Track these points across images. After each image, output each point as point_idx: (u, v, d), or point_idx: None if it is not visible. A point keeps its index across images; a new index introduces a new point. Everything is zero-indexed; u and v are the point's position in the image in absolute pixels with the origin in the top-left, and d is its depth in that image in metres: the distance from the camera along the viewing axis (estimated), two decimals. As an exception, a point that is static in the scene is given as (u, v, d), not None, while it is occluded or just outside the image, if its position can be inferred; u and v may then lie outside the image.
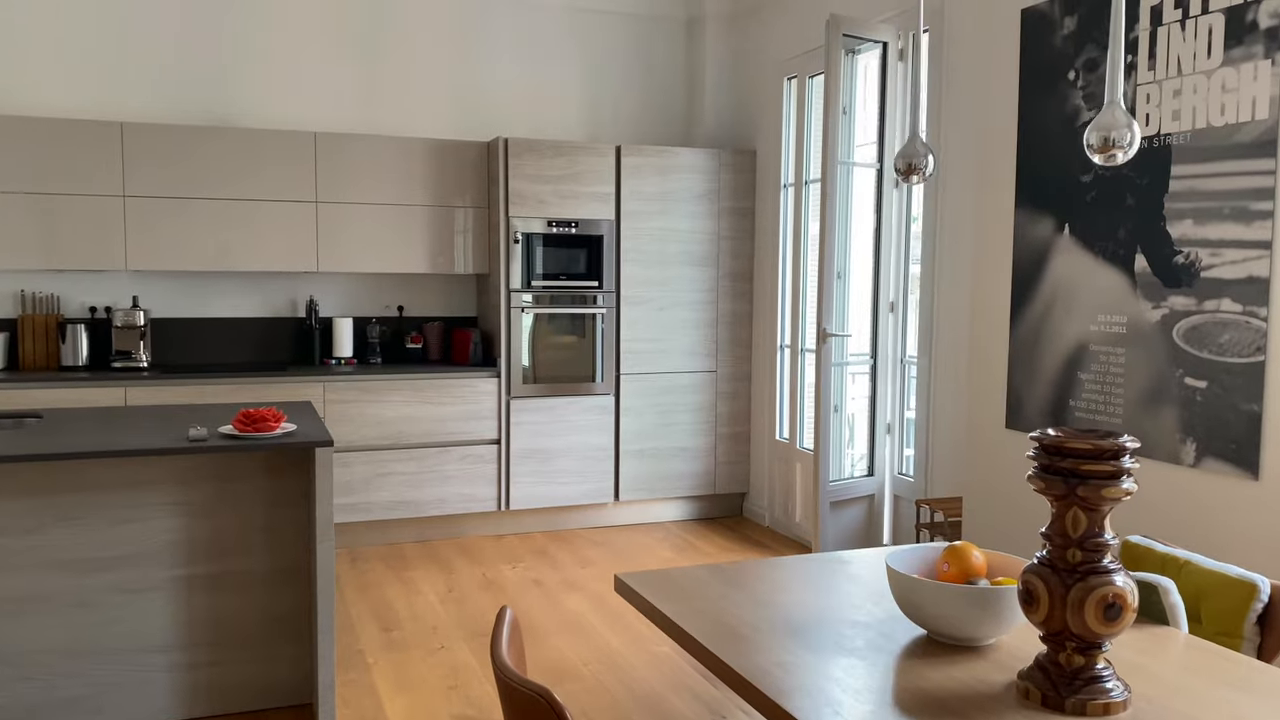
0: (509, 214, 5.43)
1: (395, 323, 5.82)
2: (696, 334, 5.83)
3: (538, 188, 5.47)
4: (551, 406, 5.57)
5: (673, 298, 5.76)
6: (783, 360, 5.68)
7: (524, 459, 5.53)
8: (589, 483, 5.67)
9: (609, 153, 5.59)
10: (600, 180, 5.58)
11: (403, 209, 5.47)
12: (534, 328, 5.51)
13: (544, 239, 5.49)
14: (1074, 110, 3.41)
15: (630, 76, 6.20)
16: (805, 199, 5.39)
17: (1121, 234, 3.23)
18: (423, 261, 5.52)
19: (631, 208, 5.65)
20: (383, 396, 5.26)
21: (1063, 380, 3.46)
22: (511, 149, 5.41)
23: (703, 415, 5.88)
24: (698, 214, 5.78)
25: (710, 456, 5.92)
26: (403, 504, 5.33)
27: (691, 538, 5.58)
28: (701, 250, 5.81)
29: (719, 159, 5.81)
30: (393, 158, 5.43)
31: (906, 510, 4.71)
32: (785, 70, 5.56)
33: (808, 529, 5.40)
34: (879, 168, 4.67)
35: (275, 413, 3.19)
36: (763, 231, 5.82)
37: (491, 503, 5.50)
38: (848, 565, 2.37)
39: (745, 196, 5.88)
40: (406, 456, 5.32)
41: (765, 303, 5.80)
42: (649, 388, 5.76)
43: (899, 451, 4.76)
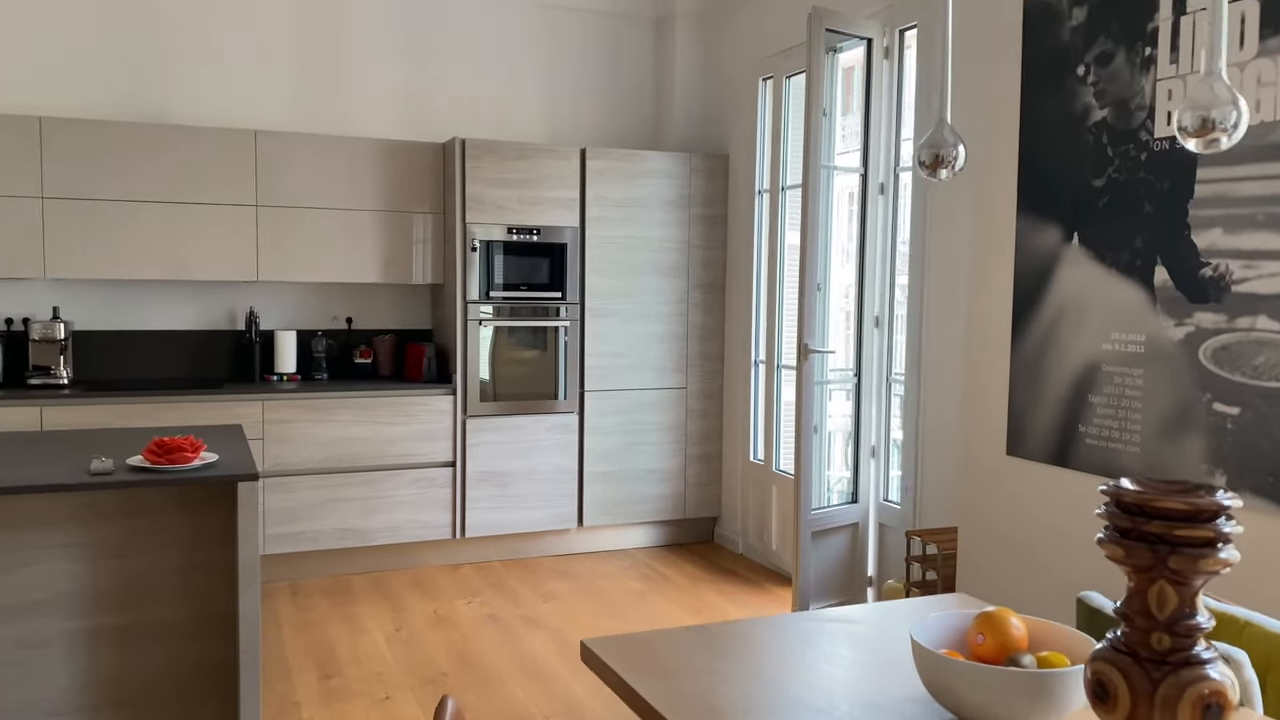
0: (466, 220, 5.06)
1: (343, 336, 5.43)
2: (665, 348, 5.50)
3: (497, 192, 5.11)
4: (511, 426, 5.20)
5: (640, 310, 5.42)
6: (757, 377, 5.36)
7: (481, 482, 5.15)
8: (551, 508, 5.31)
9: (573, 156, 5.25)
10: (564, 185, 5.23)
11: (351, 214, 5.09)
12: (493, 341, 5.15)
13: (504, 247, 5.13)
14: (1084, 109, 3.12)
15: (595, 76, 5.86)
16: (782, 206, 5.08)
17: (1139, 243, 2.94)
18: (373, 270, 5.14)
19: (597, 214, 5.31)
20: (329, 415, 4.86)
21: (1071, 404, 3.16)
22: (469, 151, 5.05)
23: (672, 435, 5.54)
24: (667, 221, 5.45)
25: (680, 479, 5.58)
26: (350, 532, 4.93)
27: (660, 566, 5.23)
28: (671, 260, 5.47)
29: (689, 164, 5.48)
30: (340, 159, 5.05)
31: (893, 540, 4.40)
32: (760, 70, 5.25)
33: (785, 558, 5.08)
34: (863, 172, 4.37)
35: (193, 441, 2.81)
36: (736, 240, 5.50)
37: (446, 530, 5.11)
38: (853, 626, 2.03)
39: (717, 203, 5.56)
40: (354, 480, 4.92)
41: (738, 316, 5.47)
42: (615, 405, 5.41)
43: (884, 477, 4.45)
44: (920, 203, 4.14)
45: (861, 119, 4.38)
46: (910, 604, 2.22)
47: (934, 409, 4.14)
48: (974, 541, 3.55)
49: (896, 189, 4.35)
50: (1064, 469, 3.19)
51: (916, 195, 4.15)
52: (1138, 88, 2.94)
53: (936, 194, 4.08)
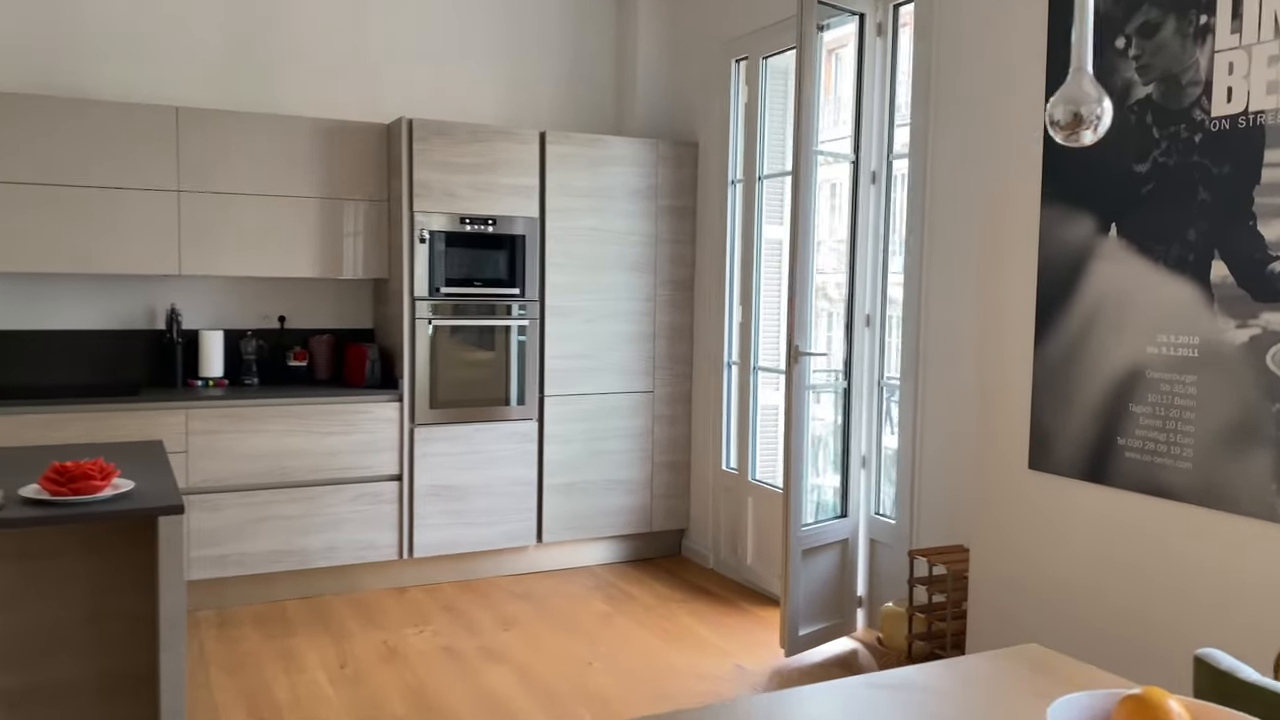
0: (413, 208, 4.60)
1: (275, 336, 4.93)
2: (631, 349, 5.10)
3: (448, 178, 4.66)
4: (463, 435, 4.76)
5: (605, 308, 5.02)
6: (730, 380, 4.99)
7: (431, 497, 4.70)
8: (507, 523, 4.88)
9: (532, 140, 4.82)
10: (522, 171, 4.80)
11: (284, 201, 4.59)
12: (443, 342, 4.70)
13: (455, 238, 4.69)
14: (1123, 85, 2.80)
15: (553, 55, 5.44)
16: (759, 197, 4.72)
17: (1192, 235, 2.63)
18: (309, 264, 4.65)
19: (558, 204, 4.89)
20: (260, 425, 4.37)
21: (1108, 414, 2.84)
22: (417, 132, 4.59)
23: (638, 442, 5.15)
24: (633, 213, 5.05)
25: (646, 490, 5.19)
26: (285, 554, 4.44)
27: (626, 585, 4.83)
28: (637, 254, 5.08)
29: (656, 151, 5.09)
30: (273, 140, 4.55)
31: (886, 558, 4.06)
32: (733, 51, 4.88)
33: (761, 573, 4.72)
34: (854, 160, 4.02)
35: (103, 466, 2.33)
36: (706, 234, 5.13)
37: (392, 550, 4.65)
38: (926, 695, 1.66)
39: (686, 194, 5.18)
40: (289, 497, 4.44)
41: (709, 314, 5.10)
42: (577, 411, 5.00)
43: (876, 489, 4.11)
44: (919, 192, 3.81)
45: (853, 102, 4.04)
46: (977, 664, 1.86)
47: (934, 416, 3.81)
48: (990, 563, 3.22)
49: (889, 178, 4.02)
50: (1099, 485, 2.88)
51: (914, 184, 3.82)
52: (1190, 61, 2.63)
53: (938, 183, 3.75)
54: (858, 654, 4.02)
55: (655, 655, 3.94)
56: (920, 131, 3.79)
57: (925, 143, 3.78)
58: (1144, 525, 2.76)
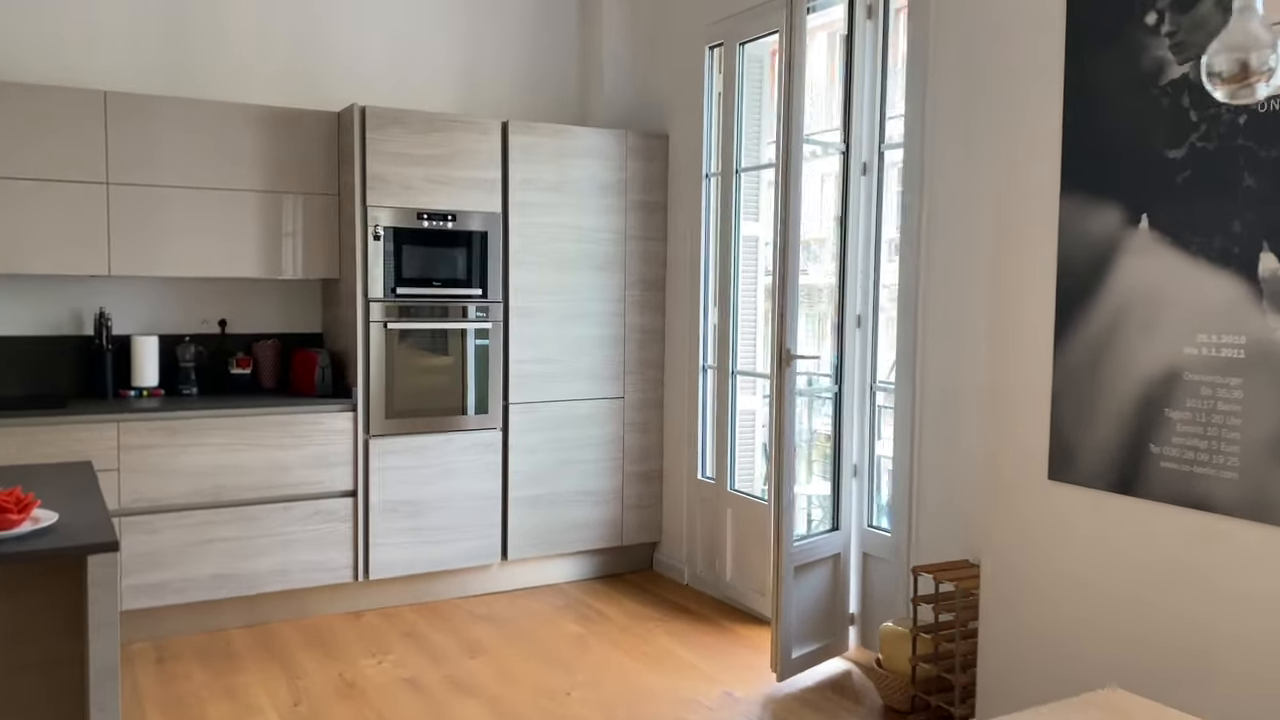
0: (367, 203, 4.27)
1: (216, 342, 4.55)
2: (601, 353, 4.81)
3: (405, 171, 4.33)
4: (423, 446, 4.43)
5: (572, 308, 4.73)
6: (706, 384, 4.73)
7: (388, 514, 4.37)
8: (470, 540, 4.56)
9: (494, 130, 4.51)
10: (483, 163, 4.49)
11: (225, 195, 4.23)
12: (399, 347, 4.37)
13: (412, 235, 4.36)
14: (1155, 64, 2.59)
15: (514, 40, 5.13)
16: (736, 191, 4.46)
17: (1237, 226, 2.42)
18: (251, 263, 4.29)
19: (522, 198, 4.58)
20: (200, 439, 4.00)
21: (1140, 420, 2.63)
22: (371, 121, 4.25)
23: (608, 451, 4.86)
24: (602, 208, 4.77)
25: (616, 501, 4.90)
26: (229, 579, 4.08)
27: (598, 604, 4.55)
28: (606, 252, 4.79)
29: (625, 142, 4.81)
30: (212, 128, 4.19)
31: (881, 573, 3.82)
32: (707, 37, 4.62)
33: (743, 589, 4.46)
34: (844, 150, 3.79)
35: (19, 497, 1.99)
36: (678, 230, 4.86)
37: (346, 571, 4.31)
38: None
39: (656, 188, 4.91)
40: (234, 517, 4.07)
41: (682, 315, 4.83)
42: (544, 419, 4.70)
43: (869, 500, 3.88)
44: (914, 184, 3.58)
45: (842, 90, 3.80)
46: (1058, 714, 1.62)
47: (933, 423, 3.59)
48: (1004, 580, 3.00)
49: (881, 170, 3.79)
50: (1130, 497, 2.66)
51: (910, 176, 3.59)
52: (1234, 37, 2.42)
53: (936, 174, 3.53)
54: (852, 676, 3.78)
55: (637, 682, 3.66)
56: (916, 118, 3.57)
57: (921, 131, 3.56)
58: (1182, 540, 2.55)
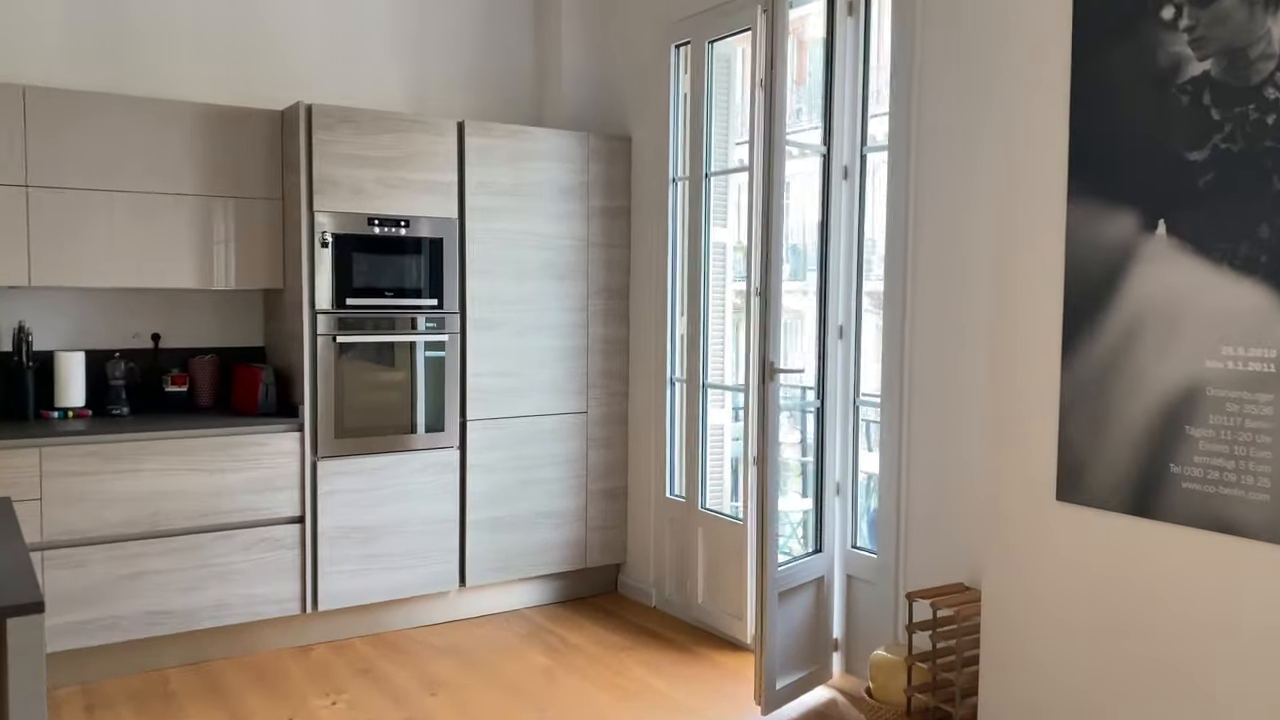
0: (314, 208, 3.99)
1: (148, 357, 4.22)
2: (563, 366, 4.58)
3: (354, 173, 4.06)
4: (375, 467, 4.15)
5: (533, 319, 4.49)
6: (674, 398, 4.52)
7: (338, 540, 4.08)
8: (427, 566, 4.29)
9: (449, 130, 4.25)
10: (438, 166, 4.23)
11: (159, 199, 3.91)
12: (349, 362, 4.09)
13: (362, 242, 4.09)
14: (1172, 62, 2.45)
15: (465, 34, 4.88)
16: (706, 196, 4.26)
17: (1264, 232, 2.28)
18: (187, 272, 3.98)
19: (479, 203, 4.33)
20: (133, 463, 3.68)
21: (1158, 438, 2.48)
22: (318, 120, 3.97)
23: (571, 469, 4.63)
24: (562, 214, 4.54)
25: (580, 522, 4.67)
26: (165, 615, 3.76)
27: (564, 631, 4.31)
28: (568, 260, 4.56)
29: (587, 145, 4.59)
30: (144, 127, 3.87)
31: (867, 596, 3.64)
32: (671, 36, 4.42)
33: (716, 613, 4.25)
34: (825, 152, 3.61)
35: (-76, 549, 1.70)
36: (643, 237, 4.65)
37: (294, 603, 4.01)
38: None
39: (619, 193, 4.69)
40: (169, 548, 3.76)
41: (647, 326, 4.62)
42: (503, 437, 4.45)
43: (852, 519, 3.70)
44: (900, 188, 3.41)
45: (822, 90, 3.62)
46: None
47: (922, 439, 3.42)
48: (1008, 606, 2.83)
49: (863, 174, 3.62)
50: (1147, 520, 2.51)
51: (895, 179, 3.42)
52: (1260, 32, 2.28)
53: (924, 178, 3.36)
54: (838, 704, 3.59)
55: (611, 717, 3.43)
56: (902, 119, 3.40)
57: (908, 132, 3.39)
58: (1205, 565, 2.40)
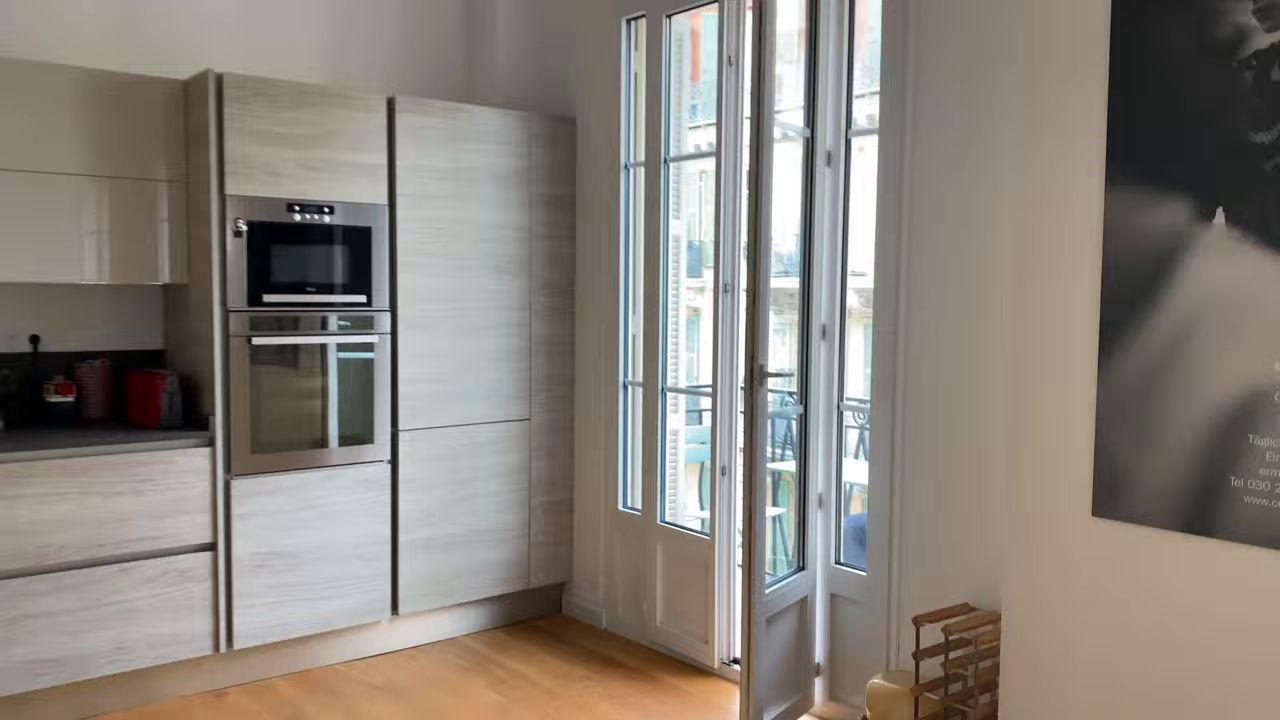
0: (225, 191, 3.50)
1: (26, 363, 3.65)
2: (504, 369, 4.18)
3: (272, 153, 3.58)
4: (297, 486, 3.68)
5: (472, 318, 4.07)
6: (629, 403, 4.17)
7: (255, 570, 3.60)
8: (356, 594, 3.84)
9: (378, 107, 3.81)
10: (366, 146, 3.78)
11: (41, 179, 3.36)
12: (267, 367, 3.61)
13: (281, 231, 3.61)
14: (1233, 34, 2.22)
15: (393, 1, 4.42)
16: (665, 184, 3.92)
17: (1346, 222, 2.07)
18: (72, 265, 3.44)
19: (412, 188, 3.90)
20: (11, 488, 3.14)
21: (1216, 448, 2.26)
22: (229, 92, 3.48)
23: (513, 482, 4.23)
24: (503, 202, 4.13)
25: (522, 539, 4.28)
26: (51, 664, 3.22)
27: (511, 661, 3.91)
28: (509, 252, 4.16)
29: (529, 126, 4.20)
30: (20, 96, 3.32)
31: (854, 617, 3.36)
32: (622, 8, 4.06)
33: (678, 635, 3.92)
34: (809, 135, 3.31)
35: None
36: (590, 228, 4.28)
37: (205, 642, 3.52)
38: None
39: (564, 180, 4.31)
40: (56, 585, 3.23)
41: (596, 324, 4.26)
42: (439, 448, 4.02)
43: (835, 534, 3.42)
44: (893, 174, 3.13)
45: (805, 68, 3.33)
46: None
47: (918, 447, 3.16)
48: (1033, 632, 2.59)
49: (848, 160, 3.34)
50: (1203, 538, 2.29)
51: (887, 165, 3.14)
52: (1341, 1, 2.07)
53: (922, 162, 3.09)
54: (824, 737, 3.31)
55: (584, 766, 3.07)
56: (896, 98, 3.12)
57: (903, 112, 3.11)
58: (1273, 588, 2.19)
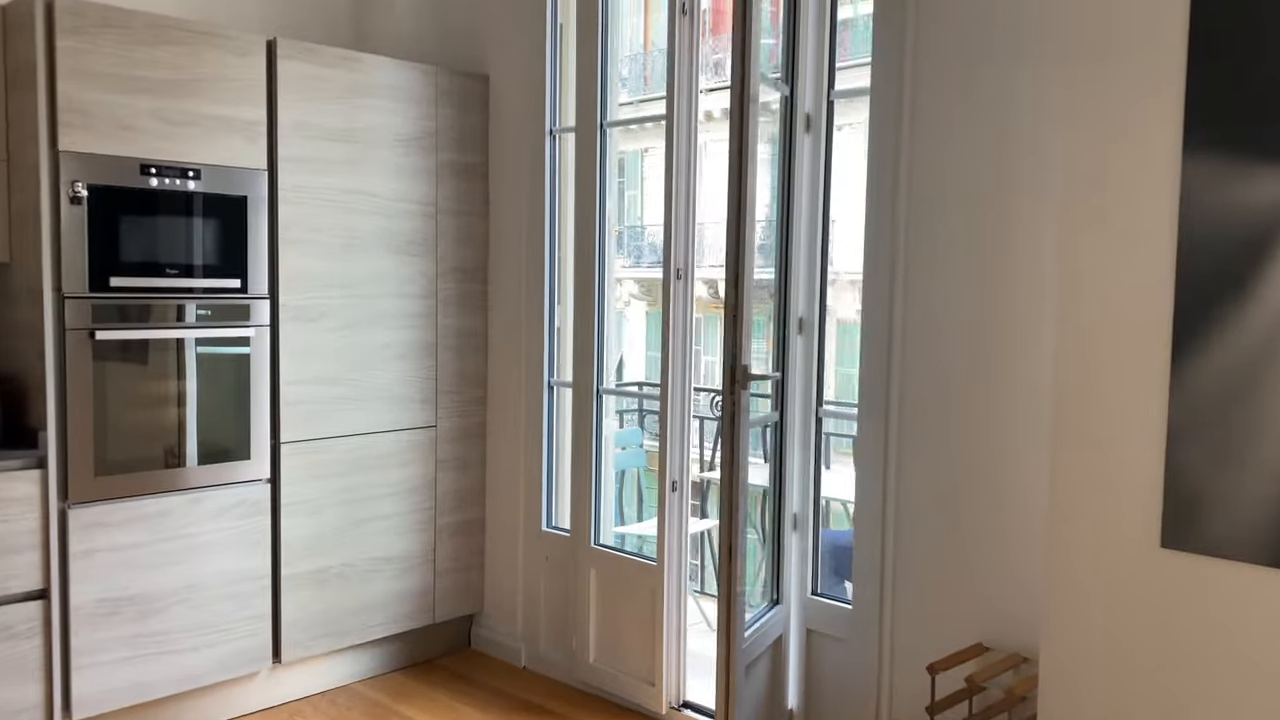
0: (58, 147, 2.76)
1: None
2: (406, 368, 3.56)
3: (120, 101, 2.86)
4: (154, 514, 2.98)
5: (368, 307, 3.44)
6: (554, 406, 3.61)
7: (102, 619, 2.89)
8: (229, 641, 3.16)
9: (256, 50, 3.12)
10: (241, 98, 3.10)
11: None
12: (114, 368, 2.90)
13: (132, 199, 2.90)
14: (1355, -26, 1.85)
15: (261, -62, 3.71)
16: (602, 153, 3.37)
17: None
18: None
19: (297, 150, 3.23)
20: None
21: (1325, 469, 1.90)
22: (63, 21, 2.75)
23: (416, 500, 3.62)
24: (405, 170, 3.50)
25: (427, 566, 3.67)
26: None
27: (414, 710, 3.32)
28: (413, 229, 3.54)
29: (435, 82, 3.58)
30: None
31: (834, 657, 2.91)
32: (545, -53, 3.50)
33: (613, 674, 3.39)
34: (787, 95, 2.83)
35: None
36: (506, 203, 3.69)
37: (34, 713, 2.79)
38: None
39: (474, 146, 3.71)
40: None
41: (514, 315, 3.68)
42: (329, 462, 3.37)
43: (813, 561, 2.96)
44: (889, 139, 2.67)
45: (784, 24, 2.84)
46: None
47: (916, 458, 2.72)
48: (1081, 683, 2.19)
49: (830, 126, 2.87)
50: (1306, 576, 1.93)
51: (881, 128, 2.68)
52: None
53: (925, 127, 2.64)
54: (802, 796, 2.86)
55: None
56: (893, 51, 2.67)
57: (901, 66, 2.66)
58: (1396, 636, 1.85)
